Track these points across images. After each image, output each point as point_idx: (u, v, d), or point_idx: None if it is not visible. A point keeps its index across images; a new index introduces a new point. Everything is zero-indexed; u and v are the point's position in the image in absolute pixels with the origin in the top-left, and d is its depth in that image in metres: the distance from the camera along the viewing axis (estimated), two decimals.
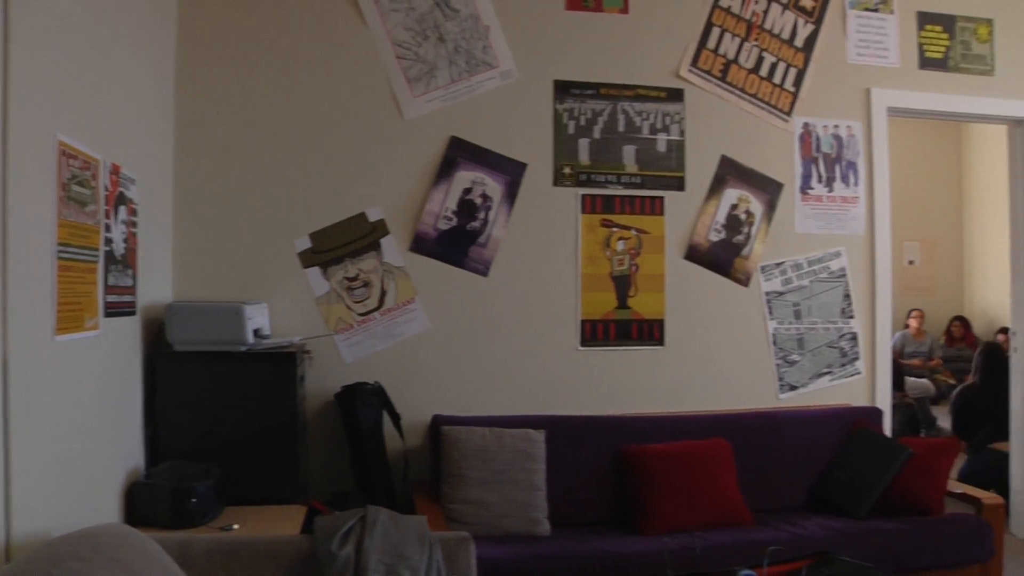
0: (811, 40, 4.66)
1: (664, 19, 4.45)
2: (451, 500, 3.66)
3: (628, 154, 4.39)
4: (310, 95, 4.05)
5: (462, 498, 3.65)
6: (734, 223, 4.54)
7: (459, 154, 4.17)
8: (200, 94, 3.93)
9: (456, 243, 4.18)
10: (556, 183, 4.31)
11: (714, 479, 3.88)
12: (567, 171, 4.32)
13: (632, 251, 4.39)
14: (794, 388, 4.62)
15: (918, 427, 7.49)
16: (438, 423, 3.88)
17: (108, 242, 2.86)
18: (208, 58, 3.94)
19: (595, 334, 4.35)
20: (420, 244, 4.14)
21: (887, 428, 4.59)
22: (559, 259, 4.31)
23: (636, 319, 4.40)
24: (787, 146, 4.64)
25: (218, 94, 3.96)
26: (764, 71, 4.59)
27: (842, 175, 4.71)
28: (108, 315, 2.87)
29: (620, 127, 4.38)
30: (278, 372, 3.49)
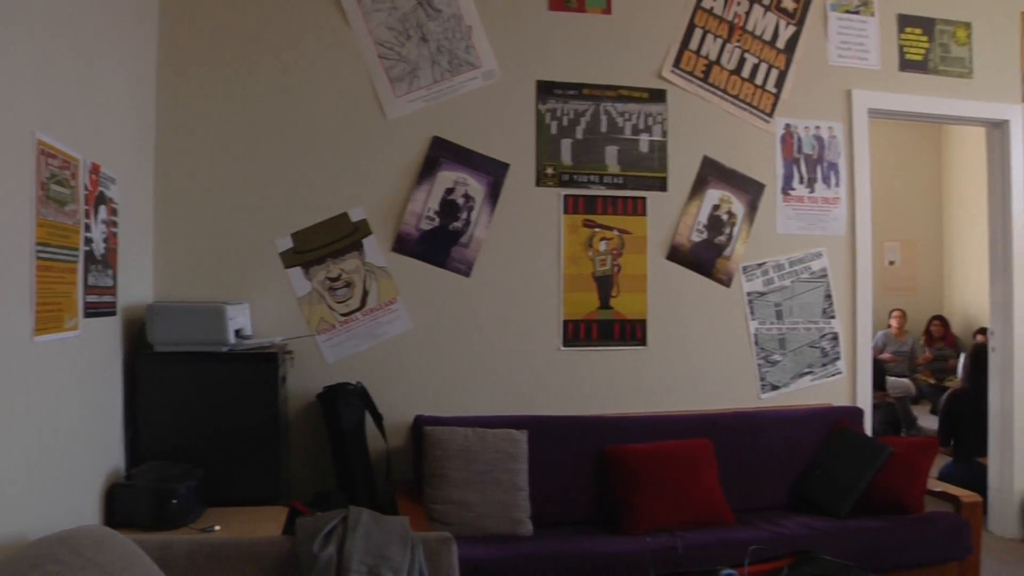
0: (793, 41, 4.68)
1: (646, 20, 4.46)
2: (433, 500, 3.65)
3: (610, 154, 4.40)
4: (292, 95, 4.04)
5: (444, 498, 3.64)
6: (716, 224, 4.56)
7: (441, 154, 4.17)
8: (181, 93, 3.91)
9: (438, 243, 4.17)
10: (539, 183, 4.31)
11: (696, 479, 3.90)
12: (549, 171, 4.32)
13: (614, 251, 4.39)
14: (776, 388, 4.64)
15: (899, 426, 7.55)
16: (420, 423, 3.88)
17: (88, 242, 2.84)
18: (189, 57, 3.92)
19: (577, 334, 4.36)
20: (402, 244, 4.13)
21: (868, 427, 4.62)
22: (541, 259, 4.32)
23: (618, 319, 4.41)
24: (769, 147, 4.66)
25: (199, 93, 3.94)
26: (746, 72, 4.61)
27: (823, 176, 4.74)
28: (88, 315, 2.85)
29: (603, 127, 4.39)
30: (260, 372, 3.48)
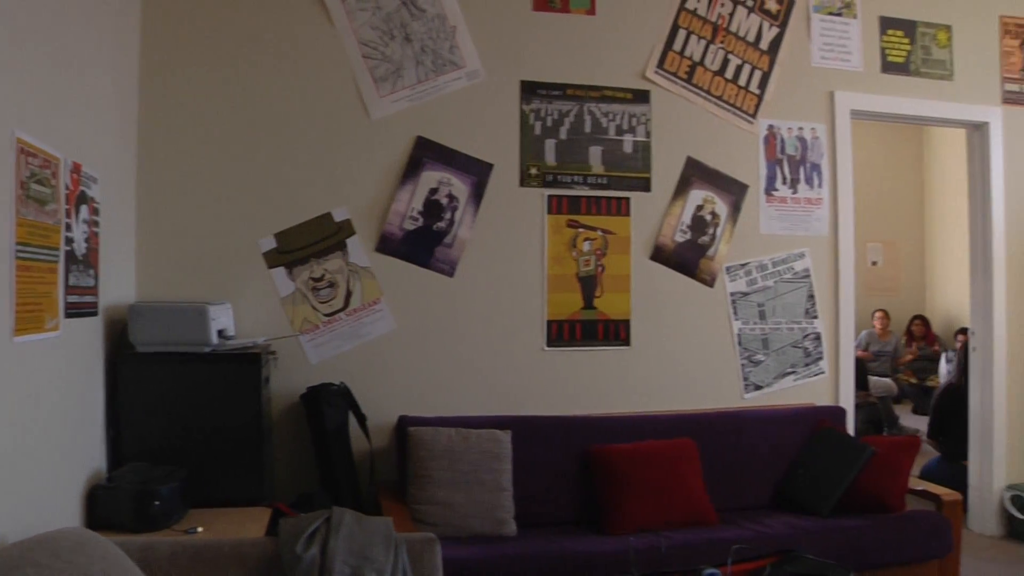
0: (776, 43, 4.70)
1: (631, 21, 4.47)
2: (417, 501, 3.65)
3: (594, 155, 4.41)
4: (276, 94, 4.02)
5: (428, 499, 3.64)
6: (699, 224, 4.57)
7: (425, 154, 4.17)
8: (164, 93, 3.89)
9: (422, 243, 4.17)
10: (522, 183, 4.32)
11: (680, 478, 3.90)
12: (533, 172, 4.32)
13: (598, 252, 4.40)
14: (759, 388, 4.66)
15: (881, 425, 7.59)
16: (404, 424, 3.87)
17: (69, 242, 2.82)
18: (172, 57, 3.90)
19: (561, 334, 4.36)
20: (386, 244, 4.13)
21: (850, 427, 4.65)
22: (525, 260, 4.32)
23: (602, 319, 4.42)
24: (752, 148, 4.68)
25: (182, 93, 3.91)
26: (729, 73, 4.62)
27: (806, 177, 4.76)
28: (69, 316, 2.83)
29: (586, 128, 4.39)
30: (243, 373, 3.46)
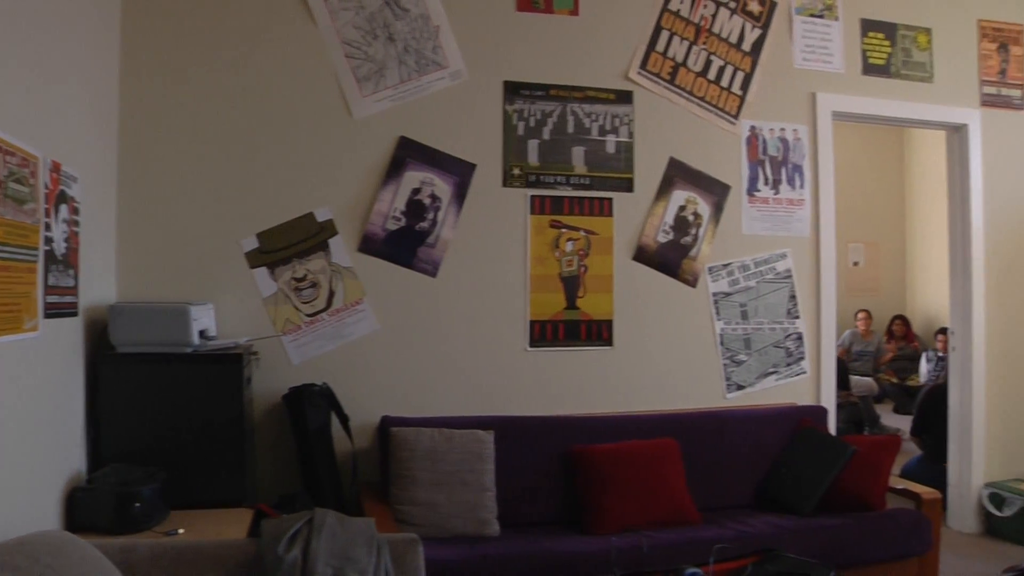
0: (758, 44, 4.72)
1: (614, 21, 4.48)
2: (400, 502, 3.64)
3: (577, 155, 4.41)
4: (258, 93, 4.01)
5: (411, 499, 3.63)
6: (682, 224, 4.59)
7: (408, 154, 4.16)
8: (145, 91, 3.86)
9: (405, 243, 4.16)
10: (505, 184, 4.32)
11: (663, 478, 3.91)
12: (516, 172, 4.32)
13: (581, 252, 4.41)
14: (741, 388, 4.68)
15: (862, 425, 7.64)
16: (387, 424, 3.86)
17: (48, 241, 2.80)
18: (153, 55, 3.87)
19: (544, 334, 4.36)
20: (368, 244, 4.12)
21: (832, 426, 4.67)
22: (508, 260, 4.32)
23: (585, 320, 4.42)
24: (734, 149, 4.70)
25: (163, 91, 3.89)
26: (712, 74, 4.64)
27: (788, 178, 4.79)
28: (48, 316, 2.81)
29: (569, 128, 4.40)
30: (224, 374, 3.44)
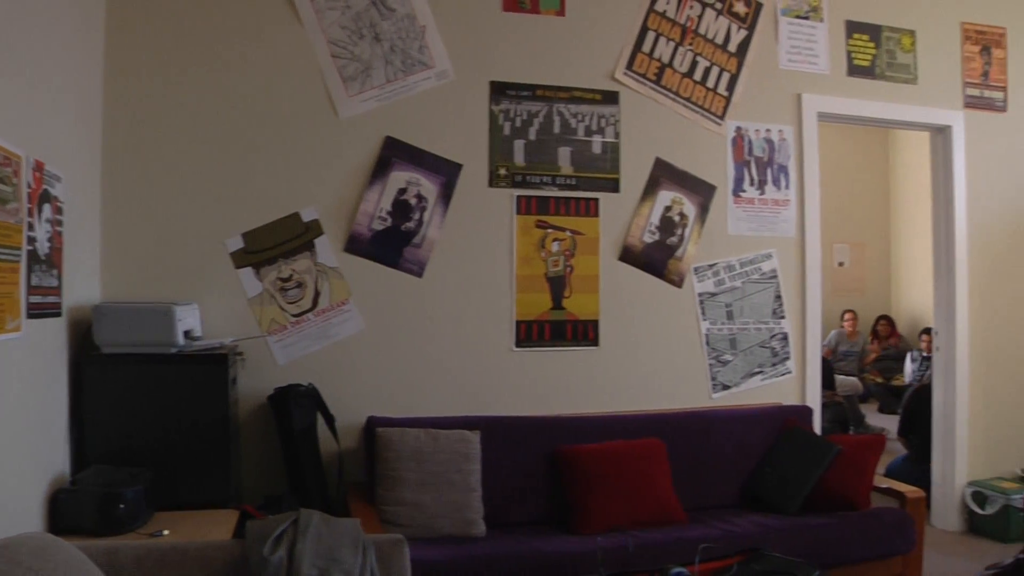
0: (744, 46, 4.74)
1: (600, 22, 4.49)
2: (386, 502, 3.63)
3: (563, 156, 4.42)
4: (243, 93, 3.99)
5: (397, 500, 3.63)
6: (668, 225, 4.60)
7: (394, 154, 4.15)
8: (129, 90, 3.84)
9: (391, 244, 4.15)
10: (491, 184, 4.32)
11: (648, 478, 3.92)
12: (502, 172, 4.33)
13: (567, 252, 4.41)
14: (727, 387, 4.69)
15: (847, 424, 7.68)
16: (373, 424, 3.85)
17: (31, 241, 2.78)
18: (137, 54, 3.85)
19: (530, 335, 4.37)
20: (354, 244, 4.11)
21: (817, 426, 4.69)
22: (494, 260, 4.32)
23: (571, 320, 4.43)
24: (720, 149, 4.71)
25: (148, 91, 3.87)
26: (698, 75, 4.65)
27: (773, 178, 4.81)
28: (31, 316, 2.79)
29: (556, 129, 4.40)
30: (209, 374, 3.43)
